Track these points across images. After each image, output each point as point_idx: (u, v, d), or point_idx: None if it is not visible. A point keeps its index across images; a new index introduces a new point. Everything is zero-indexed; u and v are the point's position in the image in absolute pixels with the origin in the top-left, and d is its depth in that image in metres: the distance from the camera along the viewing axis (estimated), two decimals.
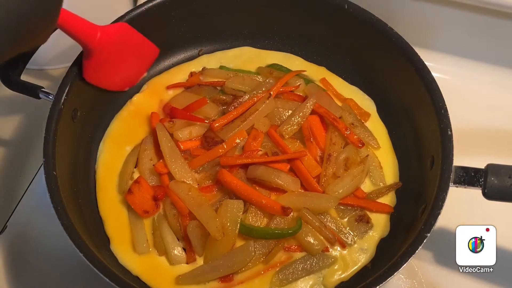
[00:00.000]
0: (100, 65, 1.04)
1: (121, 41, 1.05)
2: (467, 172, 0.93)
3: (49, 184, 0.91)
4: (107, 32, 1.00)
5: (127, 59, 1.11)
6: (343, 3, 1.14)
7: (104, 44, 1.00)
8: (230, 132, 1.05)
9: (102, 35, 0.98)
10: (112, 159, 1.08)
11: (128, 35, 1.08)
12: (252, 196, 0.97)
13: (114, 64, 1.08)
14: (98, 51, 1.00)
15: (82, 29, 0.96)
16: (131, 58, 1.12)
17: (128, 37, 1.08)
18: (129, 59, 1.11)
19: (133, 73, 1.16)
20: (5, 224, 1.13)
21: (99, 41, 0.98)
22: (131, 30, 1.08)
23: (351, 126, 1.10)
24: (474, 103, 1.29)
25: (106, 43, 1.00)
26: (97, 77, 1.06)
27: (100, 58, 1.02)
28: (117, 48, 1.05)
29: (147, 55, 1.16)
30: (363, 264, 0.99)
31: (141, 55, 1.14)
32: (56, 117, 0.97)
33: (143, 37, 1.11)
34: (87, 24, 0.97)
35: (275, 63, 1.22)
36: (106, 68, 1.06)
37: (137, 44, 1.11)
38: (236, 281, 0.95)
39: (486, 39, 1.31)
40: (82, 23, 0.96)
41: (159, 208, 1.01)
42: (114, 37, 1.03)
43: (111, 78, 1.10)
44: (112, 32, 1.02)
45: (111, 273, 0.86)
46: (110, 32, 1.01)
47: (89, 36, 0.97)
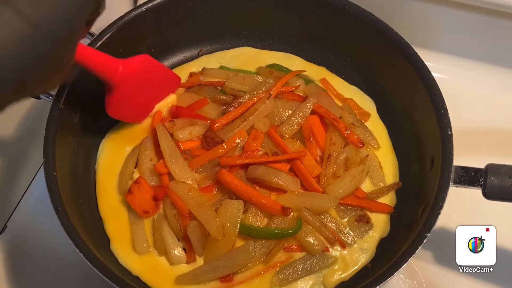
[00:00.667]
0: (122, 98, 1.00)
1: (143, 72, 1.02)
2: (467, 172, 0.93)
3: (49, 184, 0.91)
4: (129, 65, 0.97)
5: (148, 91, 1.07)
6: (343, 3, 1.14)
7: (127, 77, 0.97)
8: (230, 132, 1.05)
9: (124, 68, 0.96)
10: (112, 159, 1.08)
11: (149, 66, 1.04)
12: (252, 196, 0.97)
13: (136, 97, 1.04)
14: (120, 85, 0.97)
15: (103, 64, 0.94)
16: (152, 88, 1.09)
17: (149, 68, 1.05)
18: (150, 90, 1.08)
19: (154, 104, 1.12)
20: (5, 224, 1.13)
21: (121, 75, 0.96)
22: (152, 60, 1.05)
23: (351, 126, 1.10)
24: (474, 103, 1.29)
25: (128, 77, 0.97)
26: (120, 111, 1.04)
27: (123, 92, 0.99)
28: (139, 80, 1.02)
29: (169, 85, 1.13)
30: (363, 264, 0.99)
31: (162, 85, 1.11)
32: (56, 117, 0.97)
33: (164, 66, 1.09)
34: (108, 58, 0.95)
35: (275, 63, 1.22)
36: (129, 101, 1.04)
37: (158, 74, 1.08)
38: (236, 281, 0.95)
39: (486, 39, 1.31)
40: (103, 58, 0.94)
41: (159, 208, 1.01)
42: (136, 70, 1.00)
43: (135, 110, 1.08)
44: (134, 65, 0.99)
45: (111, 273, 0.86)
46: (132, 65, 0.98)
47: (110, 71, 0.95)
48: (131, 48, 1.15)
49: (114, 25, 1.09)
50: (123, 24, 1.10)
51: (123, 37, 1.11)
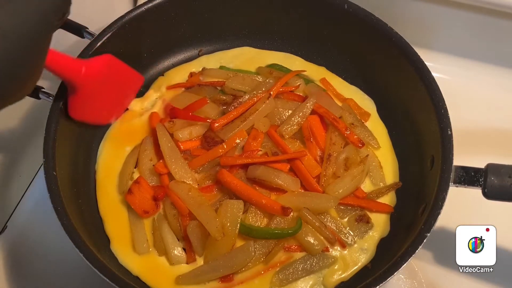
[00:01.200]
0: (85, 100, 0.99)
1: (106, 72, 1.01)
2: (467, 171, 0.93)
3: (49, 184, 0.91)
4: (92, 65, 0.96)
5: (112, 91, 1.06)
6: (343, 3, 1.14)
7: (89, 78, 0.96)
8: (230, 132, 1.04)
9: (87, 69, 0.94)
10: (112, 159, 1.08)
11: (112, 66, 1.03)
12: (252, 196, 0.97)
13: (100, 97, 1.03)
14: (83, 86, 0.96)
15: (67, 66, 0.92)
16: (116, 89, 1.07)
17: (112, 68, 1.03)
18: (114, 90, 1.07)
19: (119, 104, 1.11)
20: (5, 224, 1.13)
21: (84, 76, 0.94)
22: (115, 60, 1.03)
23: (351, 126, 1.10)
24: (474, 103, 1.29)
25: (91, 77, 0.96)
26: (83, 112, 1.02)
27: (86, 93, 0.97)
28: (102, 81, 1.00)
29: (132, 84, 1.12)
30: (363, 264, 0.99)
31: (125, 85, 1.10)
32: (56, 117, 0.97)
33: (127, 66, 1.08)
34: (71, 60, 0.93)
35: (275, 63, 1.22)
36: (91, 103, 1.02)
37: (121, 74, 1.07)
38: (236, 281, 0.95)
39: (486, 39, 1.31)
40: (66, 60, 0.92)
41: (159, 208, 1.01)
42: (98, 70, 0.98)
43: (97, 112, 1.06)
44: (97, 65, 0.98)
45: (111, 273, 0.86)
46: (94, 65, 0.97)
47: (74, 72, 0.93)
48: (131, 48, 1.16)
49: (114, 25, 1.09)
50: (123, 24, 1.10)
51: (123, 37, 1.11)
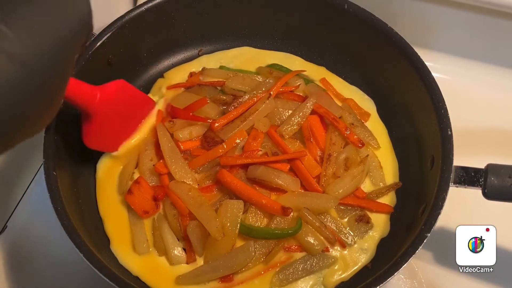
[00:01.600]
0: (100, 126, 0.98)
1: (120, 97, 1.00)
2: (467, 172, 0.93)
3: (49, 184, 0.91)
4: (106, 91, 0.95)
5: (124, 116, 1.05)
6: (343, 3, 1.14)
7: (104, 103, 0.95)
8: (230, 132, 1.04)
9: (102, 95, 0.94)
10: (112, 159, 1.08)
11: (125, 91, 1.03)
12: (252, 196, 0.97)
13: (114, 123, 1.02)
14: (97, 112, 0.95)
15: (82, 92, 0.92)
16: (130, 114, 1.06)
17: (125, 93, 1.03)
18: (126, 115, 1.05)
19: (131, 130, 1.08)
20: (5, 224, 1.13)
21: (99, 102, 0.94)
22: (127, 85, 1.03)
23: (351, 126, 1.10)
24: (474, 103, 1.29)
25: (105, 102, 0.95)
26: (98, 140, 1.02)
27: (100, 119, 0.97)
28: (116, 106, 1.00)
29: (144, 108, 1.10)
30: (363, 264, 0.99)
31: (138, 110, 1.09)
32: (56, 118, 0.97)
33: (139, 91, 1.08)
34: (86, 86, 0.93)
35: (275, 63, 1.22)
36: (106, 129, 1.01)
37: (134, 98, 1.06)
38: (236, 281, 0.95)
39: (486, 39, 1.31)
40: (82, 87, 0.92)
41: (159, 208, 1.01)
42: (113, 96, 0.98)
43: (111, 138, 1.05)
44: (111, 90, 0.97)
45: (111, 273, 0.86)
46: (108, 90, 0.96)
47: (89, 99, 0.93)
48: (131, 48, 1.16)
49: (114, 25, 1.09)
50: (123, 24, 1.10)
51: (123, 37, 1.11)
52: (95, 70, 1.06)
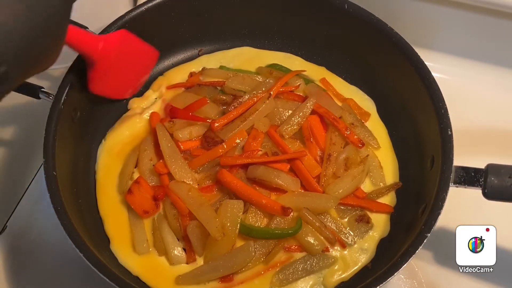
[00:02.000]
0: (103, 74, 1.03)
1: (122, 47, 1.05)
2: (467, 172, 0.93)
3: (49, 184, 0.91)
4: (109, 40, 1.00)
5: (129, 65, 1.10)
6: (343, 3, 1.14)
7: (107, 53, 1.00)
8: (230, 132, 1.04)
9: (105, 44, 0.99)
10: (112, 159, 1.08)
11: (128, 41, 1.07)
12: (252, 196, 0.97)
13: (117, 72, 1.07)
14: (101, 60, 1.00)
15: (85, 41, 0.97)
16: (133, 63, 1.12)
17: (128, 43, 1.07)
18: (130, 65, 1.11)
19: (135, 79, 1.15)
20: (5, 224, 1.12)
21: (101, 51, 0.98)
22: (130, 35, 1.07)
23: (351, 126, 1.10)
24: (474, 103, 1.29)
25: (108, 52, 1.00)
26: (102, 87, 1.06)
27: (104, 68, 1.01)
28: (119, 55, 1.04)
29: (148, 59, 1.16)
30: (363, 264, 0.99)
31: (142, 60, 1.14)
32: (56, 117, 0.97)
33: (142, 41, 1.11)
34: (89, 36, 0.98)
35: (275, 63, 1.22)
36: (110, 77, 1.06)
37: (137, 48, 1.11)
38: (236, 281, 0.95)
39: (486, 39, 1.31)
40: (85, 36, 0.97)
41: (159, 208, 1.01)
42: (115, 45, 1.02)
43: (115, 86, 1.10)
44: (114, 40, 1.02)
45: (111, 273, 0.86)
46: (111, 40, 1.01)
47: (92, 47, 0.98)
48: None
49: (114, 25, 1.09)
50: (123, 24, 1.10)
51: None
52: None
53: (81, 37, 0.96)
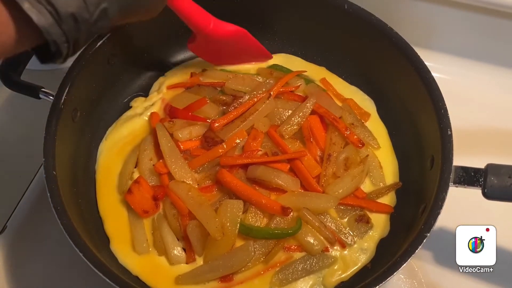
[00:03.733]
0: (204, 45, 1.09)
1: (232, 40, 1.08)
2: (467, 172, 0.93)
3: (49, 184, 0.91)
4: (219, 28, 1.04)
5: (232, 52, 1.15)
6: (343, 3, 1.14)
7: (213, 35, 1.03)
8: (230, 132, 1.04)
9: (214, 27, 1.02)
10: (112, 159, 1.08)
11: (242, 39, 1.11)
12: (252, 196, 0.97)
13: (218, 50, 1.12)
14: (205, 37, 1.04)
15: (197, 16, 1.00)
16: (238, 52, 1.16)
17: (241, 40, 1.11)
18: (234, 52, 1.15)
19: (235, 61, 1.20)
20: (5, 224, 1.12)
21: (207, 32, 1.02)
22: (247, 35, 1.11)
23: (351, 126, 1.10)
24: (474, 103, 1.29)
25: (215, 35, 1.04)
26: (199, 50, 1.14)
27: (206, 42, 1.06)
28: (224, 43, 1.08)
29: (254, 57, 1.20)
30: (363, 264, 0.99)
31: (249, 55, 1.18)
32: (56, 117, 0.97)
33: (258, 44, 1.15)
34: (201, 12, 1.01)
35: (275, 64, 1.22)
36: (209, 49, 1.11)
37: (247, 47, 1.14)
38: (236, 281, 0.95)
39: (486, 39, 1.31)
40: (197, 10, 1.00)
41: (159, 208, 1.01)
42: (225, 35, 1.06)
43: (211, 55, 1.16)
44: (225, 30, 1.06)
45: (111, 273, 0.86)
46: (222, 30, 1.05)
47: (201, 24, 1.01)
48: (131, 47, 1.16)
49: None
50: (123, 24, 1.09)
51: (123, 37, 1.11)
52: (95, 69, 1.06)
53: (193, 10, 0.99)
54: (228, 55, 1.16)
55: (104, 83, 1.13)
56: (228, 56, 1.17)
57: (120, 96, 1.18)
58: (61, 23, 0.62)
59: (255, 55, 1.19)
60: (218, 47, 1.10)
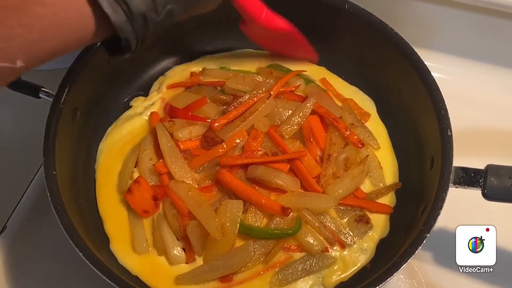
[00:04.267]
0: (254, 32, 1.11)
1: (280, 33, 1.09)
2: (467, 172, 0.93)
3: (49, 184, 0.91)
4: (271, 20, 1.05)
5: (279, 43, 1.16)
6: (344, 3, 1.14)
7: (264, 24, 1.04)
8: (230, 132, 1.04)
9: (265, 18, 1.04)
10: (112, 159, 1.08)
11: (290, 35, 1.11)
12: (252, 196, 0.97)
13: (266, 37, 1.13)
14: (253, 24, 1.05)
15: (249, 4, 1.02)
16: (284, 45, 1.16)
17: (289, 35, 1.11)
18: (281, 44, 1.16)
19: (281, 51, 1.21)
20: (5, 224, 1.13)
21: (258, 21, 1.03)
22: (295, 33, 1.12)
23: (351, 126, 1.10)
24: (474, 103, 1.29)
25: (265, 25, 1.05)
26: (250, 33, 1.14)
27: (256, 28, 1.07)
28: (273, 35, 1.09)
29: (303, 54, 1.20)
30: (363, 264, 0.99)
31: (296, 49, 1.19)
32: (56, 117, 0.97)
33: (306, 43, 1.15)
34: (257, 3, 1.02)
35: (275, 63, 1.22)
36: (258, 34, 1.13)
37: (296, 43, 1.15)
38: (236, 281, 0.95)
39: (486, 39, 1.31)
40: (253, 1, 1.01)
41: (159, 208, 1.01)
42: (274, 27, 1.07)
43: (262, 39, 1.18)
44: (275, 24, 1.07)
45: (111, 273, 0.86)
46: (273, 22, 1.06)
47: (252, 14, 1.03)
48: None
49: None
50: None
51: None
52: (95, 69, 1.06)
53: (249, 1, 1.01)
54: (277, 43, 1.17)
55: (104, 83, 1.13)
56: (276, 44, 1.17)
57: (120, 95, 1.18)
58: (133, 22, 0.67)
59: (302, 52, 1.20)
60: (268, 34, 1.11)
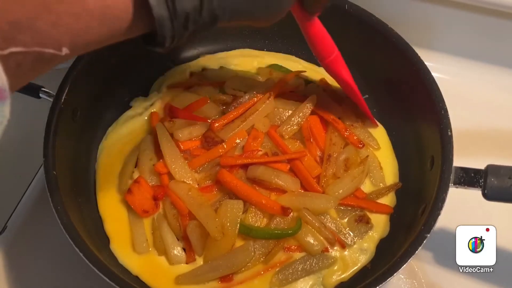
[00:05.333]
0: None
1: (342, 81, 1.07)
2: (467, 172, 0.93)
3: (49, 184, 0.91)
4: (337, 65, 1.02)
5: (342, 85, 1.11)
6: (344, 3, 1.14)
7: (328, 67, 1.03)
8: (230, 132, 1.04)
9: (333, 60, 1.00)
10: (112, 159, 1.08)
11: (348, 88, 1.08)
12: (252, 196, 0.97)
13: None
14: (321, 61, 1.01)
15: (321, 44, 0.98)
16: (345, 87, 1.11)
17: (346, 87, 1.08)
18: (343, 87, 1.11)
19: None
20: (5, 224, 1.13)
21: (327, 62, 1.00)
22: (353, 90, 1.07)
23: (350, 126, 1.10)
24: (474, 103, 1.29)
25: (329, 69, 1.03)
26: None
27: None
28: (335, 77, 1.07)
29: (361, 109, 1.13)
30: (363, 264, 0.99)
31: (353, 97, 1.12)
32: (56, 117, 0.97)
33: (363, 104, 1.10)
34: (330, 43, 0.99)
35: (275, 64, 1.22)
36: None
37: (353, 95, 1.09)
38: (236, 281, 0.95)
39: (486, 39, 1.31)
40: (325, 38, 0.98)
41: (159, 208, 1.01)
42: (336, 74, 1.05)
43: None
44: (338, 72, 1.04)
45: (111, 273, 0.86)
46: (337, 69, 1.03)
47: (321, 54, 0.99)
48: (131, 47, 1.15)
49: None
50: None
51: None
52: (95, 69, 1.06)
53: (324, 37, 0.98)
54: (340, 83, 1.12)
55: (104, 83, 1.13)
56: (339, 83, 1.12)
57: (120, 96, 1.18)
58: (174, 20, 0.63)
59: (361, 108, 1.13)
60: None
